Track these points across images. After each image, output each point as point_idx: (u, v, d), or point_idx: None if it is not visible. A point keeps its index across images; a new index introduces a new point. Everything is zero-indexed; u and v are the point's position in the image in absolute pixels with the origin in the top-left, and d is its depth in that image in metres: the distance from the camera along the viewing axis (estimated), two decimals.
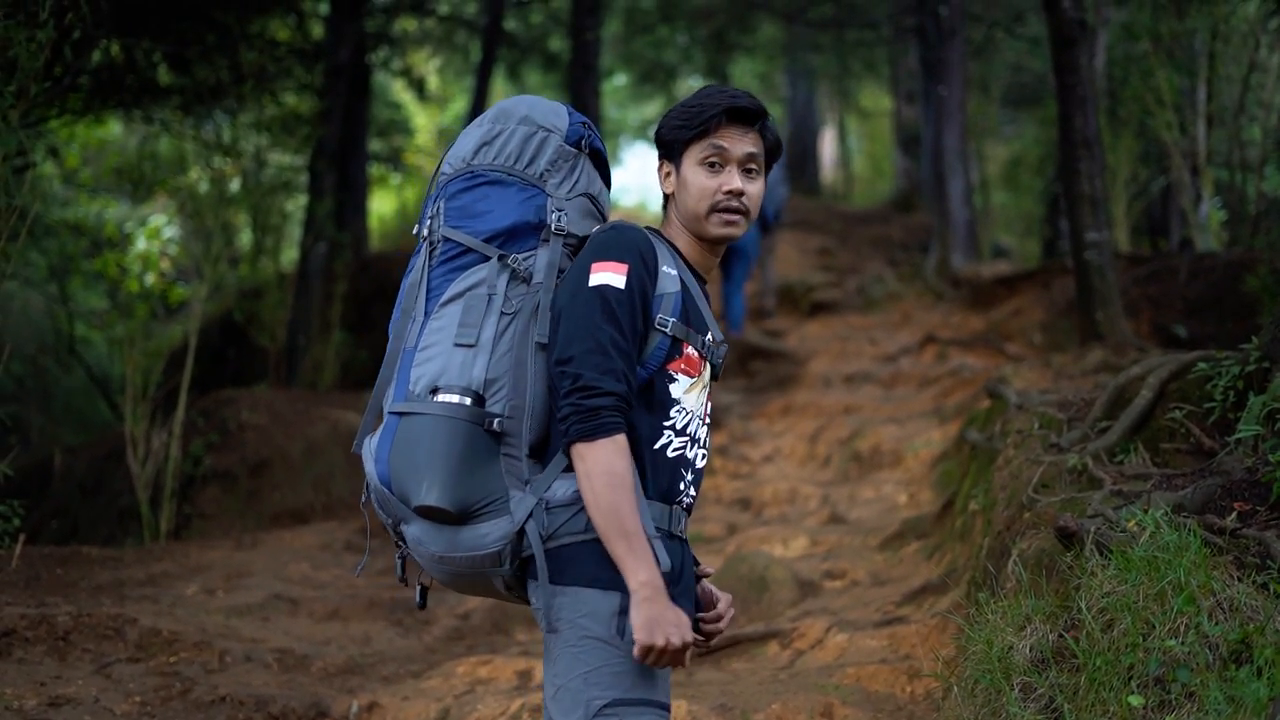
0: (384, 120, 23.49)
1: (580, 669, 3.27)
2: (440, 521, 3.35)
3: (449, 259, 3.49)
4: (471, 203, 3.52)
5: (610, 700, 3.25)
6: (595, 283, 3.35)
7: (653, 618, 3.17)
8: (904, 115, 29.07)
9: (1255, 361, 5.77)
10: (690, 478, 3.54)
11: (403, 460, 3.36)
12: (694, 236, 3.61)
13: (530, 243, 3.49)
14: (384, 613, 8.65)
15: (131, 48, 11.97)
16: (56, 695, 6.35)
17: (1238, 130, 14.93)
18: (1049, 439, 6.68)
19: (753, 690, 6.32)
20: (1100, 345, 10.11)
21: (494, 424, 3.33)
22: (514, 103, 3.65)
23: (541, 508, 3.32)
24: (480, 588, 3.51)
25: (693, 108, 3.56)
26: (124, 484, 11.52)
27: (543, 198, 3.52)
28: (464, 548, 3.36)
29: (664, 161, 3.65)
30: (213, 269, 13.03)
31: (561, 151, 3.56)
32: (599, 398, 3.24)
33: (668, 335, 3.43)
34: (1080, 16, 10.74)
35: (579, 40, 17.41)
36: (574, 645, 3.29)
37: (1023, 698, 4.25)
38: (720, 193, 3.53)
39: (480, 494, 3.32)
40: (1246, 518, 4.93)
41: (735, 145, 3.54)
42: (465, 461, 3.31)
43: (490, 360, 3.36)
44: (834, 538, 9.26)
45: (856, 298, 19.58)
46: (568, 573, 3.32)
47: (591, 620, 3.29)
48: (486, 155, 3.56)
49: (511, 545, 3.33)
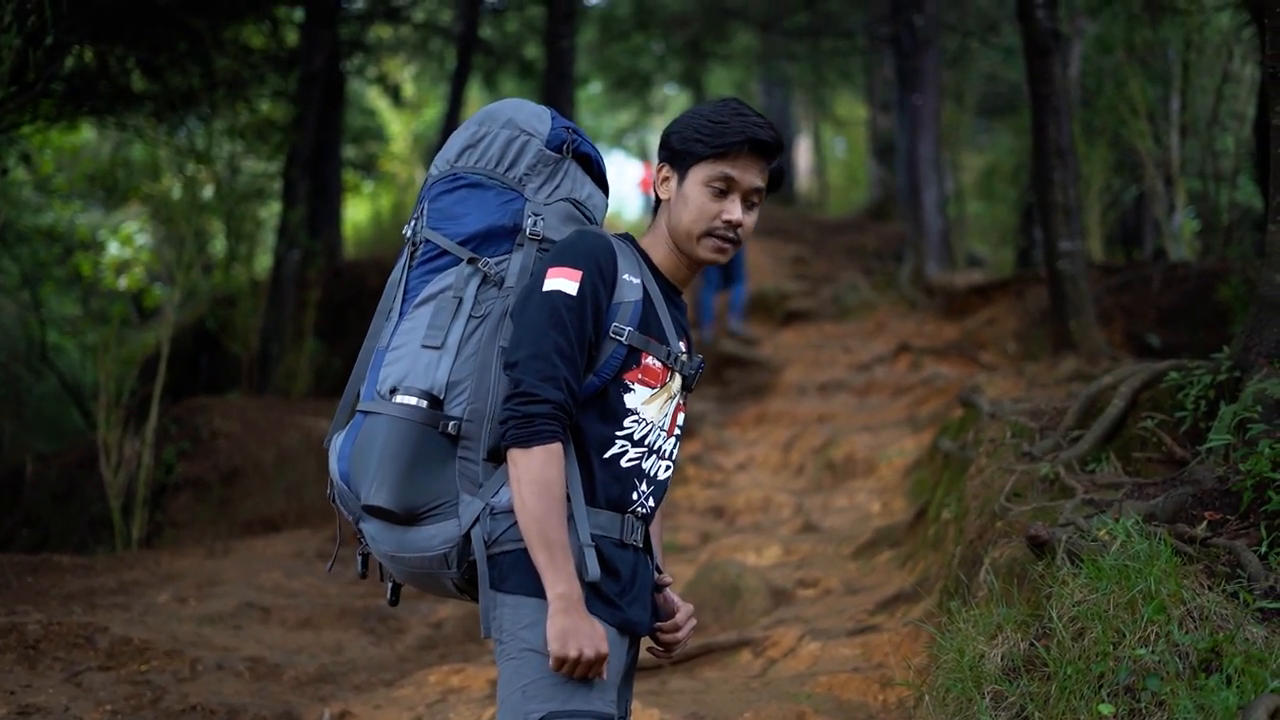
0: (358, 127, 23.45)
1: (520, 681, 3.27)
2: (388, 521, 3.36)
3: (427, 260, 3.49)
4: (451, 205, 3.52)
5: (546, 713, 3.23)
6: (548, 288, 3.34)
7: (566, 628, 3.18)
8: (879, 124, 29.14)
9: (1227, 371, 5.79)
10: (647, 488, 3.51)
11: (359, 458, 3.38)
12: (676, 249, 3.58)
13: (505, 246, 3.48)
14: (356, 621, 8.63)
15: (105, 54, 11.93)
16: (26, 704, 6.31)
17: (1211, 140, 15.01)
18: (1021, 448, 6.69)
19: (725, 699, 6.32)
20: (1073, 354, 10.15)
21: (449, 427, 3.33)
22: (500, 106, 3.64)
23: (487, 513, 3.32)
24: (434, 586, 3.51)
25: (716, 125, 3.50)
26: (95, 492, 11.47)
27: (520, 202, 3.50)
28: (412, 548, 3.36)
29: (666, 166, 3.59)
30: (186, 276, 13.00)
31: (542, 156, 3.55)
32: (536, 405, 3.25)
33: (623, 344, 3.41)
34: (1054, 27, 10.79)
35: (554, 48, 17.39)
36: (514, 657, 3.29)
37: (994, 706, 4.25)
38: (719, 220, 3.49)
39: (428, 496, 3.32)
40: (1217, 527, 4.94)
41: (745, 176, 3.50)
42: (414, 464, 3.31)
43: (455, 363, 3.36)
44: (807, 546, 9.26)
45: (831, 306, 19.60)
46: (509, 580, 3.31)
47: (530, 632, 3.27)
48: (469, 158, 3.55)
49: (458, 549, 3.34)
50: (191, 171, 14.23)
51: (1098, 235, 16.67)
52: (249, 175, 16.21)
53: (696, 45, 26.81)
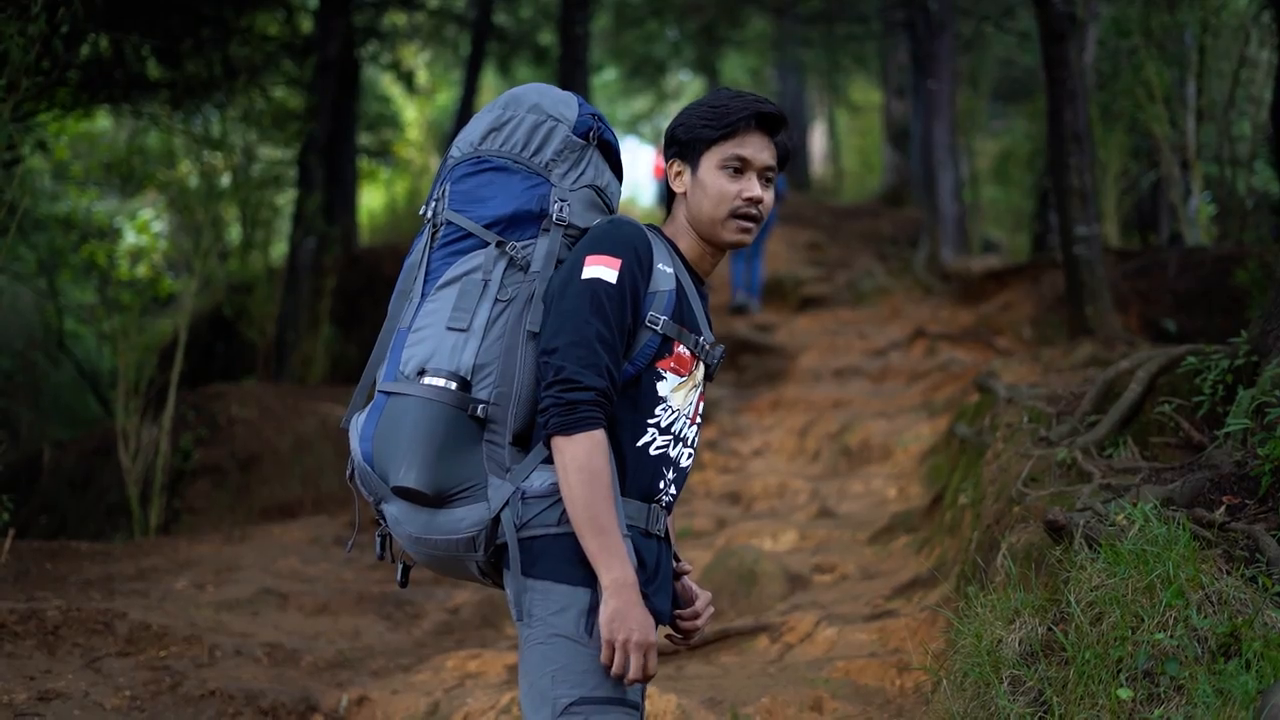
0: (373, 114, 23.45)
1: (549, 667, 3.26)
2: (417, 503, 3.35)
3: (450, 242, 3.48)
4: (475, 188, 3.51)
5: (576, 699, 3.23)
6: (587, 275, 3.33)
7: (618, 613, 3.19)
8: (894, 110, 29.06)
9: (1244, 355, 5.78)
10: (672, 476, 3.52)
11: (386, 439, 3.36)
12: (700, 238, 3.58)
13: (530, 231, 3.47)
14: (374, 607, 8.64)
15: (120, 42, 11.94)
16: (46, 689, 6.34)
17: (1227, 125, 14.97)
18: (1038, 433, 6.68)
19: (742, 684, 6.33)
20: (1089, 339, 10.13)
21: (478, 410, 3.32)
22: (525, 90, 3.64)
23: (518, 497, 3.31)
24: (457, 570, 3.50)
25: (718, 109, 3.53)
26: (113, 479, 11.50)
27: (546, 187, 3.50)
28: (439, 531, 3.35)
29: (676, 160, 3.60)
30: (202, 263, 13.03)
31: (569, 142, 3.54)
32: (579, 392, 3.23)
33: (658, 333, 3.41)
34: (1070, 11, 10.76)
35: (568, 34, 17.38)
36: (543, 642, 3.28)
37: (1011, 691, 4.25)
38: (740, 199, 3.50)
39: (458, 479, 3.31)
40: (1235, 511, 4.93)
41: (757, 155, 3.52)
42: (445, 445, 3.30)
43: (481, 346, 3.35)
44: (823, 532, 9.26)
45: (846, 292, 19.57)
46: (539, 565, 3.30)
47: (560, 617, 3.27)
48: (494, 141, 3.54)
49: (486, 532, 3.32)
50: (208, 159, 14.25)
51: (1114, 220, 16.63)
52: (265, 163, 16.20)
53: (711, 31, 26.76)
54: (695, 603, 3.69)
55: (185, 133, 14.50)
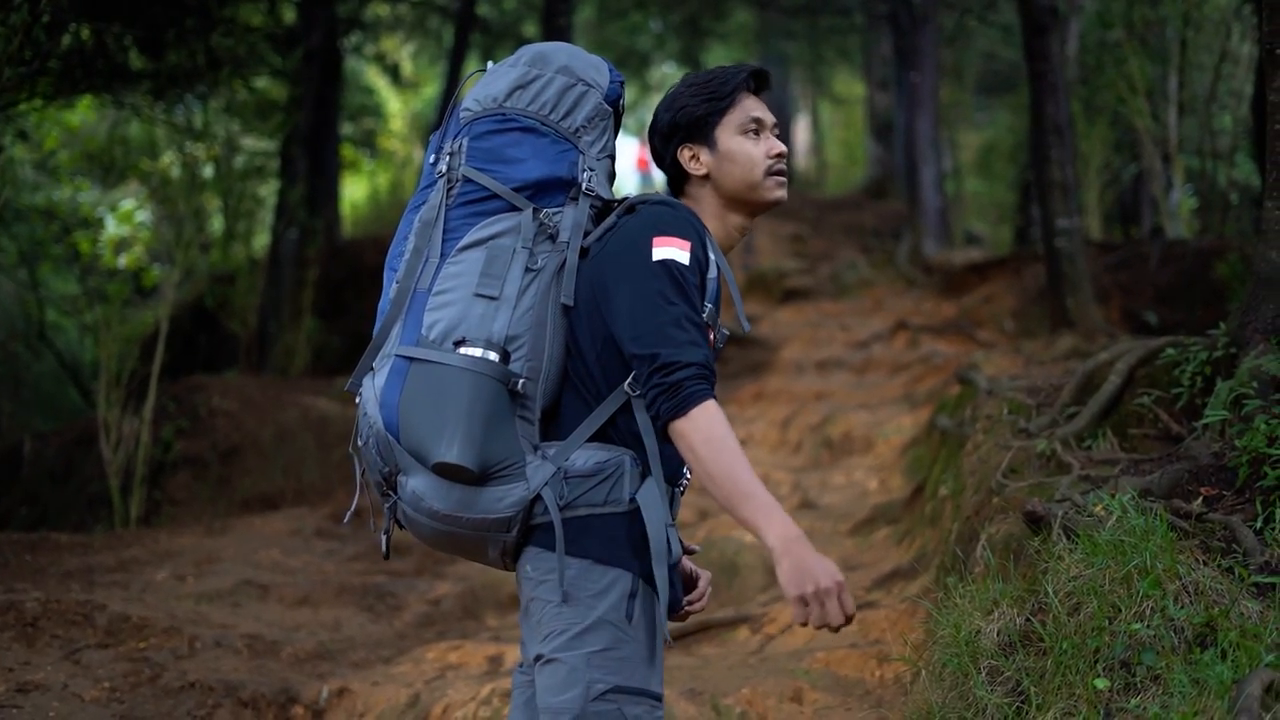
0: (356, 105, 23.41)
1: (584, 648, 3.19)
2: (457, 480, 3.21)
3: (471, 201, 3.35)
4: (502, 146, 3.38)
5: (612, 686, 3.18)
6: (660, 257, 3.23)
7: (795, 567, 3.04)
8: (877, 102, 29.10)
9: (1223, 347, 5.80)
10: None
11: (420, 411, 3.22)
12: (731, 213, 3.53)
13: (559, 199, 3.38)
14: (355, 598, 8.63)
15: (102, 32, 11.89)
16: (25, 681, 6.33)
17: (1209, 118, 15.00)
18: (1018, 425, 6.70)
19: (722, 675, 6.34)
20: (1070, 332, 10.17)
21: (518, 385, 3.23)
22: (553, 48, 3.53)
23: (560, 476, 3.22)
24: (470, 550, 3.37)
25: (711, 82, 3.52)
26: (94, 470, 11.48)
27: (575, 154, 3.41)
28: (477, 509, 3.23)
29: (686, 146, 3.53)
30: (184, 254, 12.99)
31: (599, 109, 3.48)
32: (679, 371, 3.12)
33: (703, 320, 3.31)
34: (1052, 4, 10.80)
35: (551, 26, 17.33)
36: (579, 622, 3.21)
37: (990, 681, 4.26)
38: (770, 156, 3.49)
39: (500, 455, 3.20)
40: (1213, 502, 4.95)
41: (765, 114, 3.53)
42: (489, 420, 3.18)
43: (512, 316, 3.25)
44: (805, 523, 9.26)
45: (829, 284, 19.60)
46: (578, 545, 3.23)
47: (602, 600, 3.22)
48: (520, 99, 3.42)
49: (523, 512, 3.24)
50: (190, 150, 14.22)
51: (1096, 213, 16.68)
52: (247, 154, 16.19)
53: (694, 23, 26.76)
54: (698, 583, 3.67)
55: (168, 123, 14.46)
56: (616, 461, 3.28)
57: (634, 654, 3.22)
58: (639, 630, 3.23)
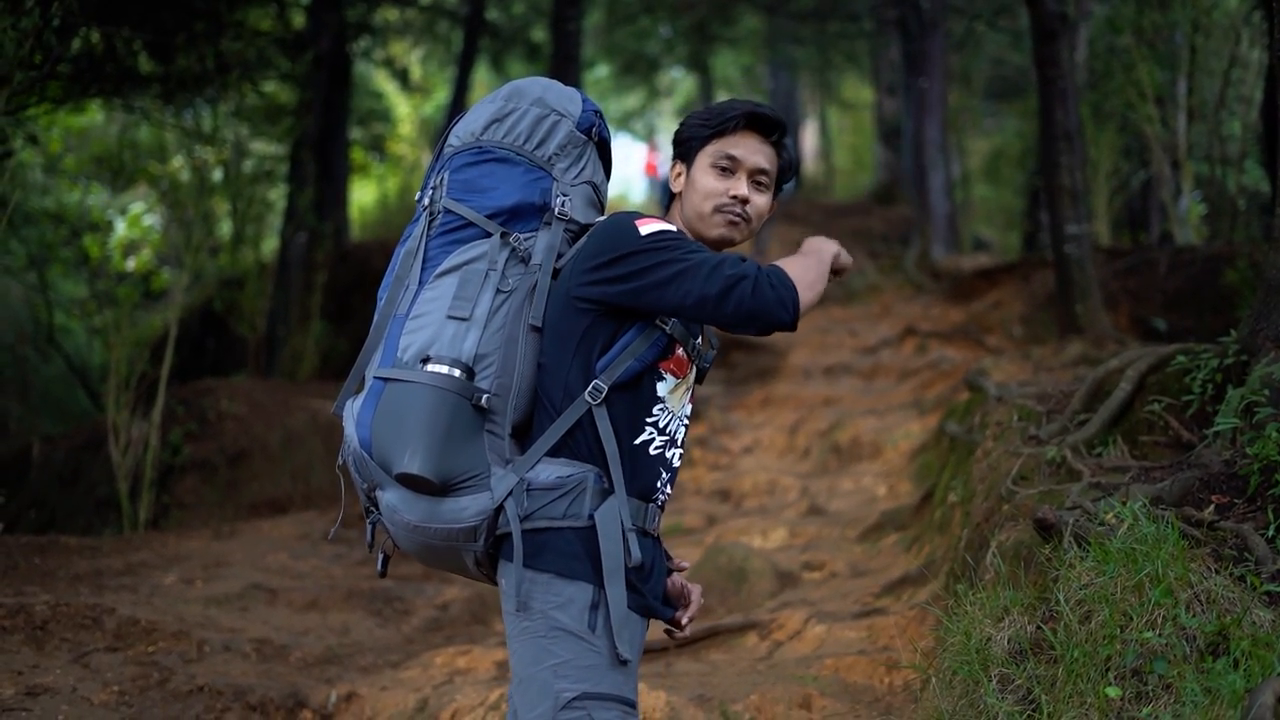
0: (364, 110, 23.42)
1: (549, 660, 3.26)
2: (420, 491, 3.33)
3: (449, 230, 3.47)
4: (477, 178, 3.50)
5: (579, 694, 3.23)
6: (649, 230, 3.35)
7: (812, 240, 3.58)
8: (885, 108, 29.10)
9: (1233, 354, 5.79)
10: (666, 476, 3.53)
11: (387, 426, 3.32)
12: (693, 237, 3.59)
13: (533, 224, 3.48)
14: (363, 603, 8.64)
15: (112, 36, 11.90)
16: (34, 684, 6.33)
17: (1218, 124, 14.98)
18: (1028, 431, 6.68)
19: (731, 681, 6.33)
20: (1079, 338, 10.14)
21: (482, 400, 3.31)
22: (529, 83, 3.64)
23: (522, 488, 3.31)
24: (449, 562, 3.49)
25: (714, 110, 3.60)
26: (102, 473, 11.49)
27: (548, 181, 3.51)
28: (441, 519, 3.34)
29: (678, 161, 3.66)
30: (193, 258, 13.00)
31: (572, 137, 3.56)
32: (745, 281, 3.28)
33: (666, 333, 3.42)
34: (1062, 10, 10.78)
35: (560, 31, 17.35)
36: (544, 636, 3.28)
37: (1000, 689, 4.25)
38: (726, 196, 3.54)
39: (462, 468, 3.30)
40: (1224, 510, 4.94)
41: (749, 156, 3.56)
42: (450, 433, 3.28)
43: (482, 335, 3.34)
44: (813, 529, 9.27)
45: (837, 290, 19.58)
46: (542, 557, 3.30)
47: (563, 612, 3.28)
48: (496, 132, 3.54)
49: (488, 522, 3.32)
50: (199, 154, 14.23)
51: (1105, 219, 16.65)
52: (256, 158, 16.20)
53: (703, 28, 26.81)
54: (689, 597, 3.69)
55: (177, 127, 14.48)
56: (579, 477, 3.35)
57: (599, 662, 3.27)
58: (604, 640, 3.28)
